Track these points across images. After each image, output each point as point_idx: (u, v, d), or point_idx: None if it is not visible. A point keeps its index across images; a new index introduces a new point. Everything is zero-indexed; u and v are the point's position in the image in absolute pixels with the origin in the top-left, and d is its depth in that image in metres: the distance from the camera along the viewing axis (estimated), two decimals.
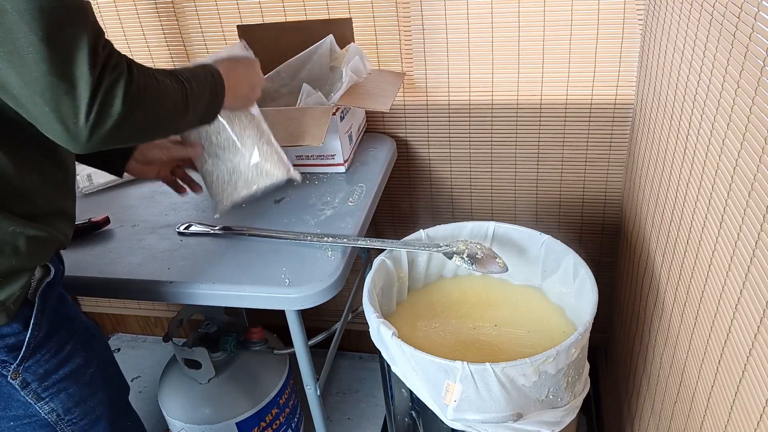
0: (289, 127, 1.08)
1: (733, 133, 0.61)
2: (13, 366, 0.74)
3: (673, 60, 0.87)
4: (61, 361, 0.79)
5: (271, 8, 1.28)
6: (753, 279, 0.55)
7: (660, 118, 0.94)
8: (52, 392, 0.79)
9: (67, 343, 0.79)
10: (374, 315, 0.87)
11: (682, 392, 0.78)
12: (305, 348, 1.00)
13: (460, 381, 0.77)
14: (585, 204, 1.37)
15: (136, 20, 1.36)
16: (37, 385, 0.77)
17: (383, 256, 0.99)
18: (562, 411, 0.84)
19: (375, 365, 1.72)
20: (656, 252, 0.93)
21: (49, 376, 0.78)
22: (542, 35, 1.19)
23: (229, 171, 0.97)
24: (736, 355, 0.59)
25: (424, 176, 1.42)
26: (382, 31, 1.26)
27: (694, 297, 0.73)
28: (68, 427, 0.82)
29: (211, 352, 1.24)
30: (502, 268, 0.94)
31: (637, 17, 1.13)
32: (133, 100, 0.64)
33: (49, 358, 0.77)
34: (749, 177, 0.56)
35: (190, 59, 1.38)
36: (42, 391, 0.78)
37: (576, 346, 0.81)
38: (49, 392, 0.78)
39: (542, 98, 1.26)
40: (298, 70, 1.22)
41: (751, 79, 0.56)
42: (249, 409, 1.26)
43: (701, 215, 0.71)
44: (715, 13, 0.67)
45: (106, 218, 1.08)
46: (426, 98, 1.32)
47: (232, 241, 1.01)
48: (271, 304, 0.90)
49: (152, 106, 0.68)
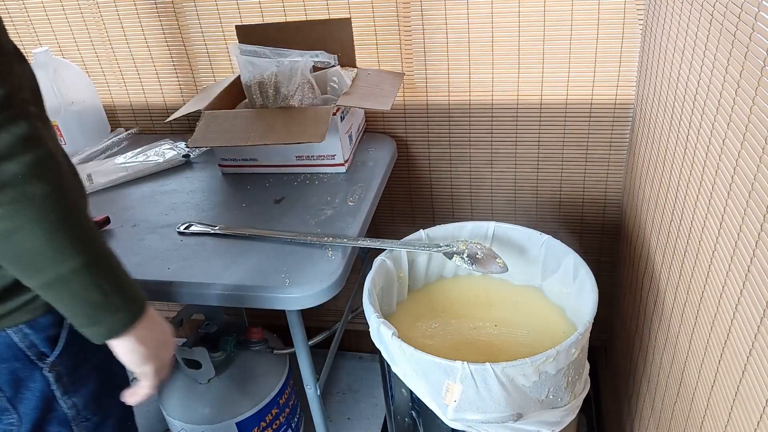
0: (289, 126, 1.08)
1: (733, 133, 0.61)
2: (50, 359, 0.73)
3: (673, 60, 0.87)
4: (89, 353, 0.77)
5: (271, 8, 1.28)
6: (753, 279, 0.55)
7: (660, 118, 0.94)
8: (78, 386, 0.78)
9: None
10: (374, 315, 0.87)
11: (682, 392, 0.78)
12: (305, 348, 1.00)
13: (460, 381, 0.77)
14: (585, 204, 1.37)
15: (136, 20, 1.36)
16: (68, 378, 0.76)
17: (383, 256, 0.99)
18: (562, 411, 0.84)
19: (375, 365, 1.72)
20: (656, 252, 0.93)
21: (78, 369, 0.76)
22: (542, 35, 1.19)
23: None
24: (736, 355, 0.59)
25: (424, 176, 1.42)
26: (382, 31, 1.26)
27: (694, 297, 0.73)
28: (82, 423, 0.80)
29: (211, 352, 1.24)
30: (502, 268, 0.94)
31: (637, 17, 1.13)
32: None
33: (77, 351, 0.75)
34: (749, 177, 0.56)
35: (190, 59, 1.39)
36: (71, 383, 0.76)
37: (576, 346, 0.81)
38: (75, 386, 0.77)
39: (542, 98, 1.26)
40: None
41: (751, 79, 0.56)
42: (249, 409, 1.26)
43: (701, 215, 0.71)
44: (715, 13, 0.67)
45: (106, 218, 1.08)
46: (426, 98, 1.32)
47: (232, 241, 1.01)
48: (271, 304, 0.90)
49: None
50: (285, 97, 1.16)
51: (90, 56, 1.44)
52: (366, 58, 1.29)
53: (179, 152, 1.31)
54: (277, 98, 1.17)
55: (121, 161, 1.30)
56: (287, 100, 1.16)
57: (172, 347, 0.77)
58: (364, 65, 1.30)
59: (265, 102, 1.18)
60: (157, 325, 0.73)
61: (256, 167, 1.21)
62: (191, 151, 1.31)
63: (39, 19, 1.41)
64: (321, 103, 1.17)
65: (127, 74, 1.44)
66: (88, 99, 1.39)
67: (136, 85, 1.46)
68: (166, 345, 0.75)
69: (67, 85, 1.35)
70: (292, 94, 1.16)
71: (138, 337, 0.69)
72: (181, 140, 1.35)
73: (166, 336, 0.75)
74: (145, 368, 0.73)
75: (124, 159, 1.30)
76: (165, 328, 0.75)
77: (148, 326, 0.70)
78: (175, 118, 1.20)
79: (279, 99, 1.17)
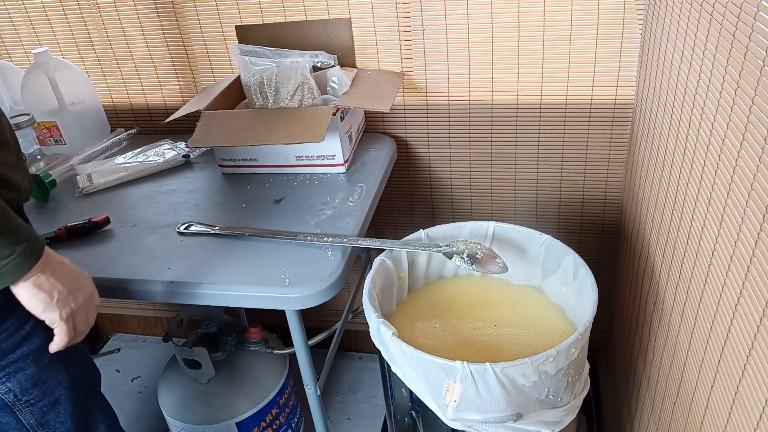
0: (289, 126, 1.08)
1: (732, 133, 0.61)
2: None
3: (673, 60, 0.87)
4: (20, 340, 0.76)
5: (270, 8, 1.28)
6: (753, 279, 0.55)
7: (660, 118, 0.94)
8: (9, 371, 0.77)
9: (26, 322, 0.77)
10: (374, 315, 0.87)
11: (682, 392, 0.78)
12: (305, 348, 1.00)
13: (460, 381, 0.77)
14: (585, 204, 1.37)
15: (136, 20, 1.36)
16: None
17: (383, 256, 0.99)
18: (562, 411, 0.84)
19: (375, 365, 1.72)
20: (656, 252, 0.93)
21: (6, 355, 0.76)
22: (542, 35, 1.19)
23: None
24: (736, 355, 0.59)
25: (424, 176, 1.42)
26: (382, 31, 1.26)
27: (693, 297, 0.74)
28: (26, 408, 0.80)
29: (210, 352, 1.24)
30: (502, 268, 0.94)
31: (637, 17, 1.13)
32: None
33: (5, 337, 0.75)
34: (749, 177, 0.56)
35: (190, 59, 1.39)
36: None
37: (576, 346, 0.81)
38: (5, 372, 0.77)
39: (542, 98, 1.26)
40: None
41: (751, 79, 0.56)
42: (249, 409, 1.26)
43: (701, 215, 0.71)
44: (715, 13, 0.67)
45: (106, 218, 1.08)
46: (426, 98, 1.32)
47: (232, 241, 1.01)
48: (271, 304, 0.90)
49: None
50: (285, 97, 1.16)
51: (90, 56, 1.44)
52: (366, 58, 1.29)
53: (179, 152, 1.31)
54: (277, 98, 1.17)
55: (121, 161, 1.30)
56: (287, 100, 1.17)
57: (88, 293, 0.77)
58: (364, 65, 1.30)
59: (265, 102, 1.18)
60: (61, 271, 0.72)
61: (256, 167, 1.21)
62: (191, 151, 1.31)
63: (39, 19, 1.41)
64: (321, 103, 1.17)
65: (127, 74, 1.45)
66: (88, 99, 1.39)
67: (135, 86, 1.46)
68: (78, 291, 0.75)
69: (67, 86, 1.35)
70: (292, 94, 1.16)
71: (36, 283, 0.69)
72: (181, 140, 1.35)
73: (75, 282, 0.74)
74: (49, 315, 0.72)
75: (124, 159, 1.30)
76: (72, 274, 0.74)
77: (48, 272, 0.70)
78: (175, 119, 1.20)
79: (279, 99, 1.17)
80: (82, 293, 0.76)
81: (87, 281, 0.78)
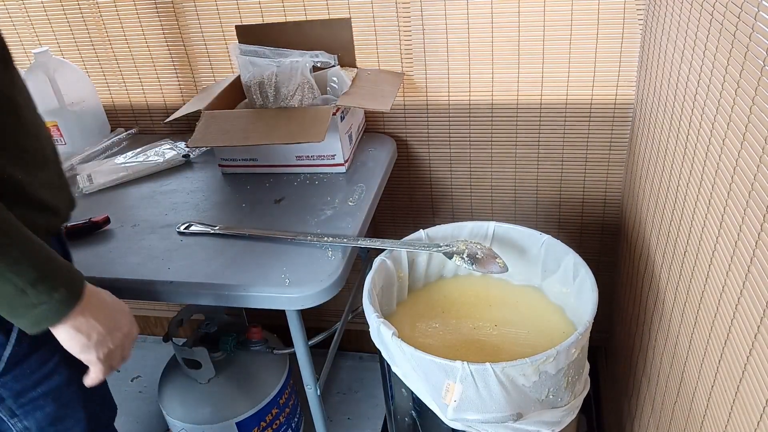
0: (289, 126, 1.08)
1: (733, 133, 0.61)
2: None
3: (673, 60, 0.87)
4: (41, 378, 0.74)
5: (271, 8, 1.28)
6: (753, 279, 0.55)
7: (660, 118, 0.94)
8: (27, 410, 0.75)
9: (49, 359, 0.74)
10: (374, 315, 0.87)
11: (682, 392, 0.78)
12: (305, 348, 1.00)
13: (460, 381, 0.77)
14: (585, 204, 1.37)
15: (136, 20, 1.36)
16: (11, 401, 0.73)
17: (383, 256, 0.99)
18: (562, 411, 0.84)
19: (375, 365, 1.72)
20: (656, 252, 0.93)
21: (26, 393, 0.73)
22: (542, 35, 1.19)
23: None
24: (736, 355, 0.59)
25: (424, 176, 1.42)
26: (382, 31, 1.26)
27: (694, 297, 0.74)
28: None
29: (211, 352, 1.24)
30: (502, 268, 0.94)
31: (637, 17, 1.13)
32: None
33: (28, 374, 0.72)
34: (749, 177, 0.56)
35: (190, 59, 1.39)
36: (17, 408, 0.74)
37: (576, 346, 0.81)
38: (23, 410, 0.74)
39: (542, 98, 1.26)
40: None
41: (751, 79, 0.56)
42: (249, 409, 1.26)
43: (701, 215, 0.71)
44: (715, 13, 0.67)
45: (106, 218, 1.08)
46: (426, 98, 1.32)
47: (232, 241, 1.01)
48: (271, 304, 0.90)
49: None
50: (285, 97, 1.16)
51: (90, 56, 1.44)
52: (366, 58, 1.29)
53: (179, 152, 1.31)
54: (277, 98, 1.17)
55: (121, 161, 1.30)
56: (287, 100, 1.17)
57: (126, 330, 0.73)
58: (364, 65, 1.30)
59: (265, 102, 1.18)
60: (101, 311, 0.69)
61: (256, 167, 1.21)
62: (191, 151, 1.32)
63: (39, 19, 1.41)
64: (321, 103, 1.18)
65: (127, 74, 1.44)
66: (88, 99, 1.39)
67: (136, 85, 1.46)
68: (116, 330, 0.71)
69: (67, 85, 1.35)
70: (292, 94, 1.16)
71: (74, 326, 0.66)
72: (181, 140, 1.35)
73: (114, 321, 0.71)
74: (87, 356, 0.69)
75: (124, 159, 1.30)
76: (110, 313, 0.71)
77: (87, 313, 0.67)
78: (175, 118, 1.20)
79: (279, 99, 1.17)
80: (120, 331, 0.72)
81: (125, 317, 0.74)
